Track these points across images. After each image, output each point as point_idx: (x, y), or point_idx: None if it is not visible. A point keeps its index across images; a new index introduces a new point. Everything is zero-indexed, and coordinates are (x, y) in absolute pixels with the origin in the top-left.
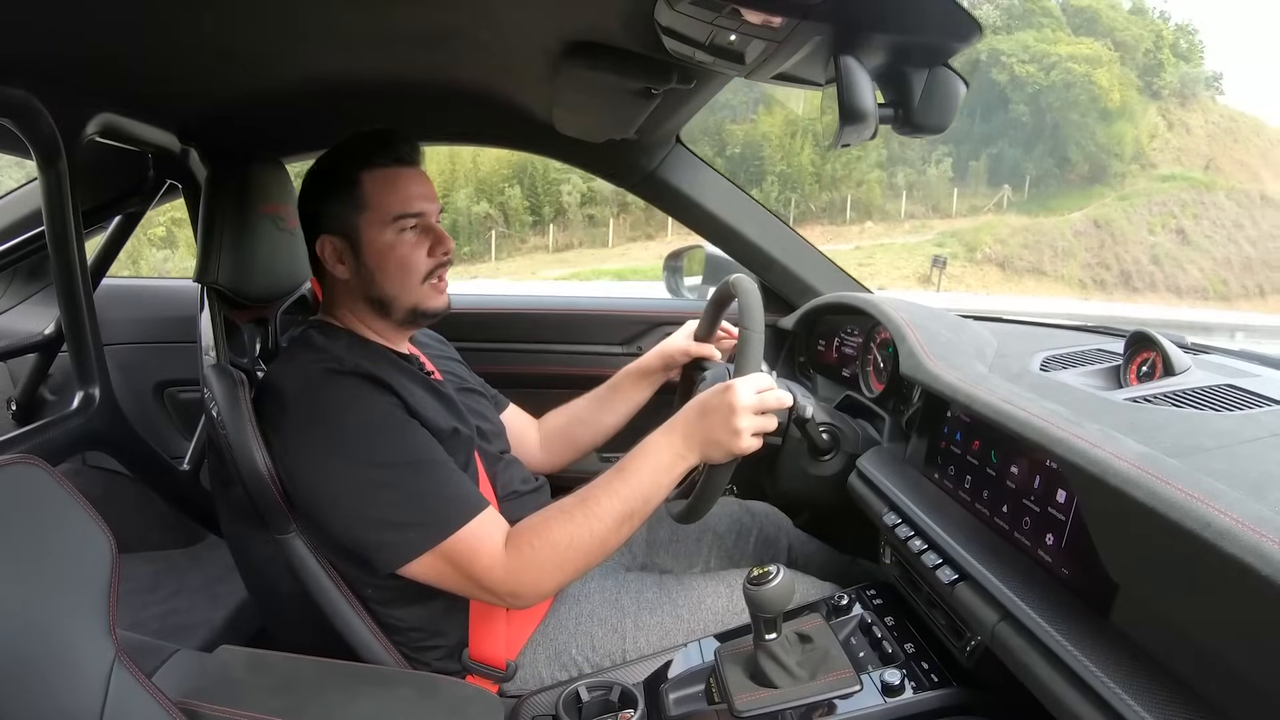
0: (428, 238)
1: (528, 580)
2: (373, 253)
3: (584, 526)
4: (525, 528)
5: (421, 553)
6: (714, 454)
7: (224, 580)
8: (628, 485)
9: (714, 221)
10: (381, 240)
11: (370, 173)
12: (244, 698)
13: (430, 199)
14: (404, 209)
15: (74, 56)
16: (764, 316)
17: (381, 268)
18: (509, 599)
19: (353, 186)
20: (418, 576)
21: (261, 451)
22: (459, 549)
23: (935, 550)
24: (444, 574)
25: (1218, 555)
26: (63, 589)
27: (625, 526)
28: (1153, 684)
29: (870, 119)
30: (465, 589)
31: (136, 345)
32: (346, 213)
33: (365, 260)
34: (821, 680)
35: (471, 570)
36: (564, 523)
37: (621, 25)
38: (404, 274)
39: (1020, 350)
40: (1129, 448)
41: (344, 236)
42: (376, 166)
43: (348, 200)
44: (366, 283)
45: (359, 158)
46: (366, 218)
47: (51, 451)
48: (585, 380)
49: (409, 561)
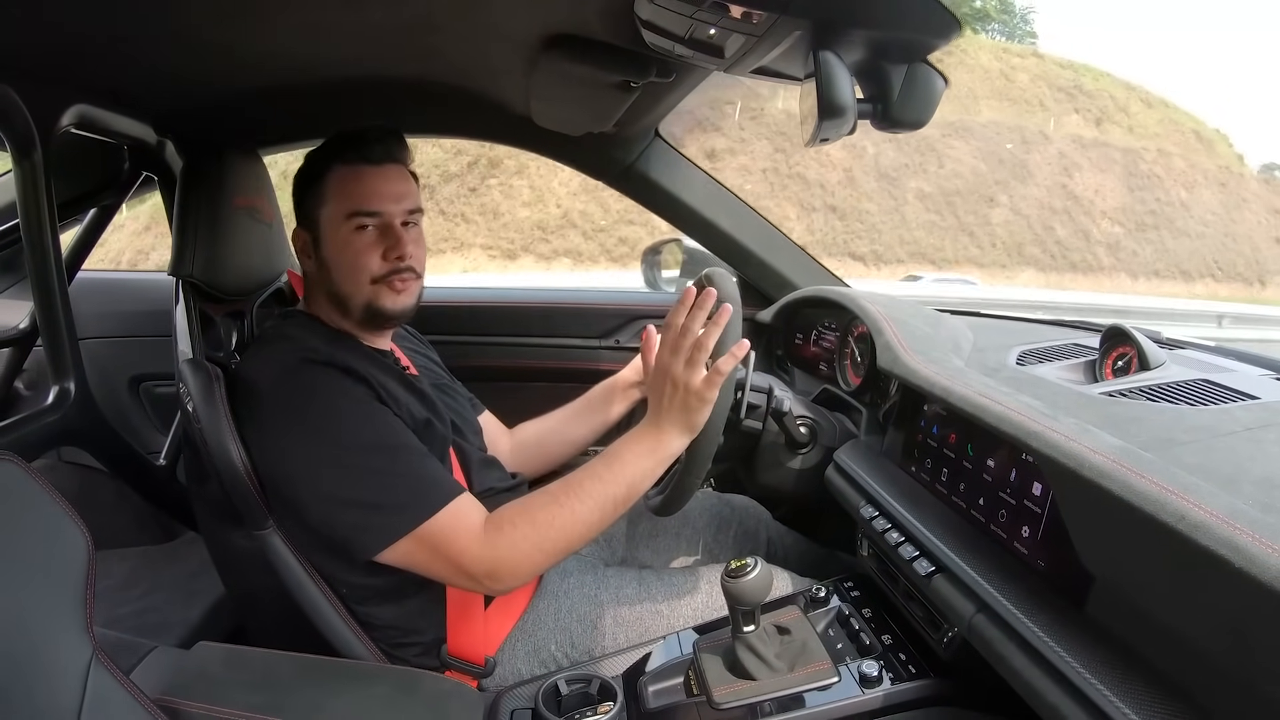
0: (385, 239)
1: (506, 560)
2: (329, 248)
3: (566, 508)
4: (506, 508)
5: (399, 536)
6: (688, 418)
7: (201, 576)
8: (610, 470)
9: (692, 215)
10: (337, 236)
11: (337, 168)
12: (223, 694)
13: (395, 199)
14: (359, 206)
15: (48, 48)
16: (741, 309)
17: (335, 264)
18: (486, 581)
19: (319, 180)
20: (395, 562)
21: (237, 446)
22: (436, 531)
23: (912, 543)
24: (421, 558)
25: (1191, 548)
26: (38, 586)
27: (608, 511)
28: (1128, 674)
29: (849, 114)
30: (443, 573)
31: (112, 339)
32: (312, 206)
33: (323, 255)
34: (799, 672)
35: (449, 552)
36: (546, 503)
37: (601, 18)
38: (355, 272)
39: (997, 344)
40: (1104, 441)
41: (308, 229)
42: (344, 163)
43: (313, 194)
44: (325, 278)
45: (332, 153)
46: (326, 212)
47: (26, 447)
48: (562, 373)
49: (387, 546)
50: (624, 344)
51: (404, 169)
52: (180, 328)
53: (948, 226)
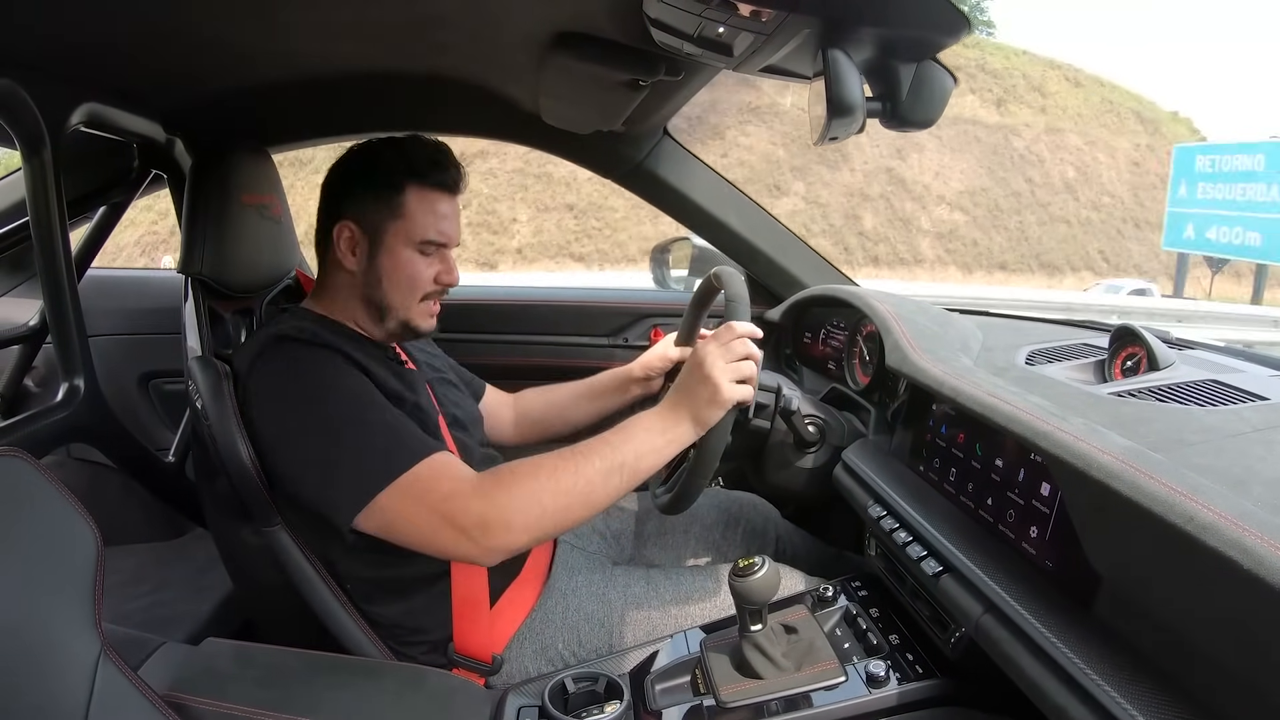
0: (440, 264)
1: (499, 510)
2: (390, 260)
3: (570, 463)
4: (508, 462)
5: (380, 488)
6: (704, 413)
7: (209, 573)
8: (619, 437)
9: (701, 214)
10: (402, 253)
11: (416, 187)
12: (231, 690)
13: (457, 230)
14: (436, 236)
15: (59, 46)
16: (750, 308)
17: (391, 276)
18: (478, 535)
19: (395, 192)
20: (380, 526)
21: (245, 443)
22: (419, 479)
23: (920, 542)
24: (406, 509)
25: (1200, 549)
26: (47, 582)
27: (614, 479)
28: (1136, 676)
29: (858, 112)
30: (429, 525)
31: (121, 337)
32: (380, 213)
33: (379, 262)
34: (806, 671)
35: (434, 498)
36: (552, 459)
37: (609, 16)
38: (410, 289)
39: (1006, 344)
40: (1113, 442)
41: (367, 232)
42: (425, 185)
43: (385, 202)
44: (371, 283)
45: (411, 168)
46: (398, 227)
47: (36, 444)
48: (570, 372)
49: (368, 501)
50: (632, 342)
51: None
52: (189, 325)
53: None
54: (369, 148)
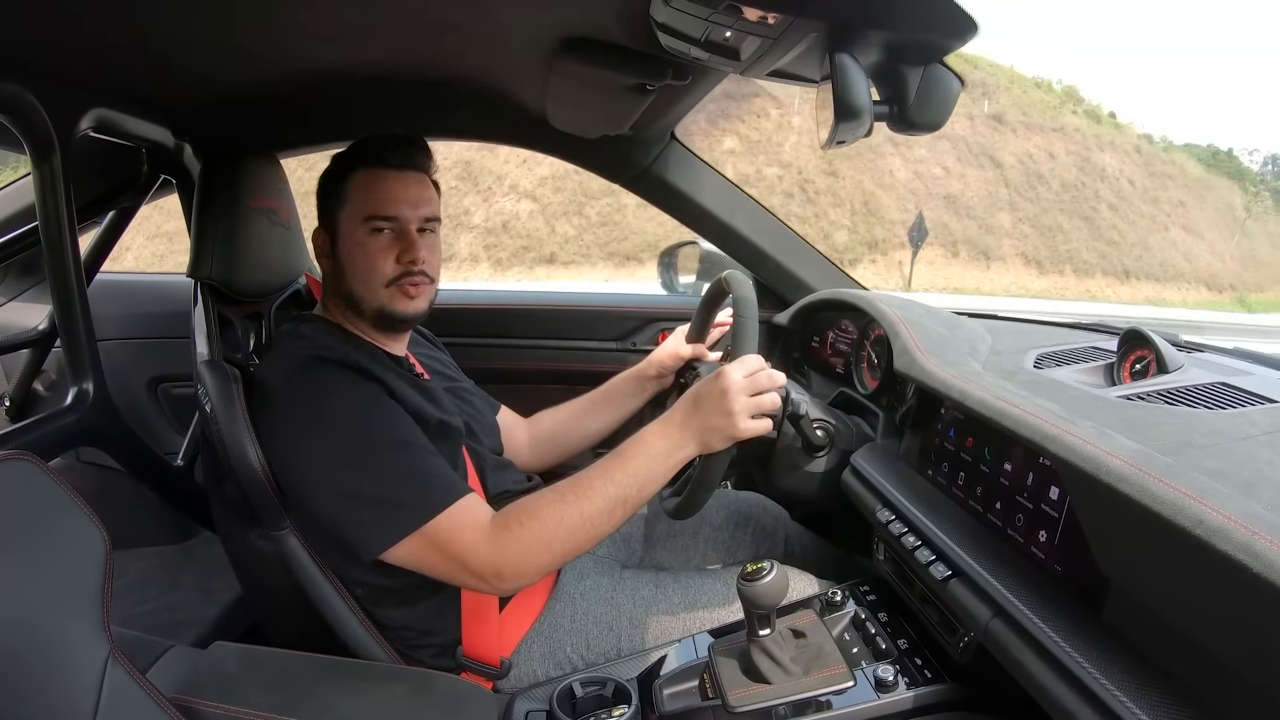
0: (399, 244)
1: (512, 560)
2: (344, 248)
3: (575, 507)
4: (514, 506)
5: (405, 534)
6: (712, 440)
7: (218, 576)
8: (623, 470)
9: (709, 218)
10: (353, 238)
11: (358, 172)
12: (238, 694)
13: (411, 205)
14: (376, 210)
15: (68, 52)
16: (758, 311)
17: (350, 265)
18: (493, 580)
19: (340, 182)
20: (401, 561)
21: (255, 447)
22: (441, 530)
23: (929, 547)
24: (427, 557)
25: (1210, 553)
26: (56, 585)
27: (618, 511)
28: (1145, 680)
29: (865, 116)
30: (449, 573)
31: (130, 341)
32: (332, 207)
33: (339, 255)
34: (815, 676)
35: (454, 550)
36: (554, 501)
37: (617, 21)
38: (369, 274)
39: (1014, 347)
40: (1122, 445)
41: (327, 230)
42: (366, 167)
43: (334, 195)
44: (339, 278)
45: (355, 157)
46: (344, 214)
47: (45, 447)
48: (579, 376)
49: (393, 544)
50: (640, 346)
51: (424, 176)
52: (198, 329)
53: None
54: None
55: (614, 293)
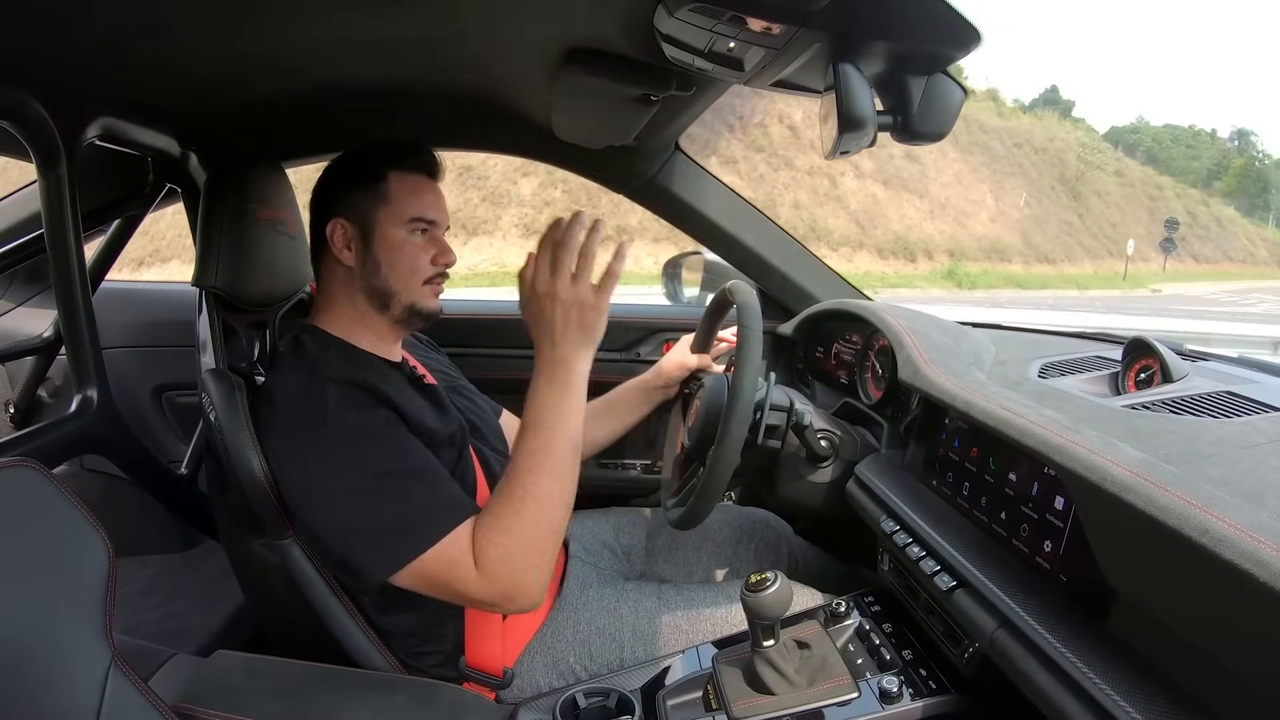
0: (434, 246)
1: (508, 580)
2: (384, 246)
3: (529, 498)
4: (480, 533)
5: (402, 565)
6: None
7: (221, 585)
8: (538, 436)
9: (713, 228)
10: (395, 236)
11: (398, 173)
12: (241, 703)
13: (443, 212)
14: (422, 213)
15: (74, 60)
16: (762, 322)
17: (390, 262)
18: (506, 605)
19: (378, 181)
20: (410, 586)
21: (258, 456)
22: (438, 563)
23: (933, 557)
24: (431, 587)
25: (1216, 562)
26: (59, 593)
27: (563, 470)
28: (1151, 690)
29: (869, 126)
30: (454, 597)
31: (135, 349)
32: (367, 203)
33: (375, 251)
34: (819, 687)
35: (452, 585)
36: (505, 509)
37: (621, 32)
38: (410, 272)
39: (1018, 357)
40: (1127, 454)
41: (358, 224)
42: (405, 170)
43: (371, 192)
44: (371, 273)
45: (390, 157)
46: (386, 212)
47: (49, 455)
48: None
49: (393, 573)
50: (645, 357)
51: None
52: (203, 338)
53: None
54: (351, 151)
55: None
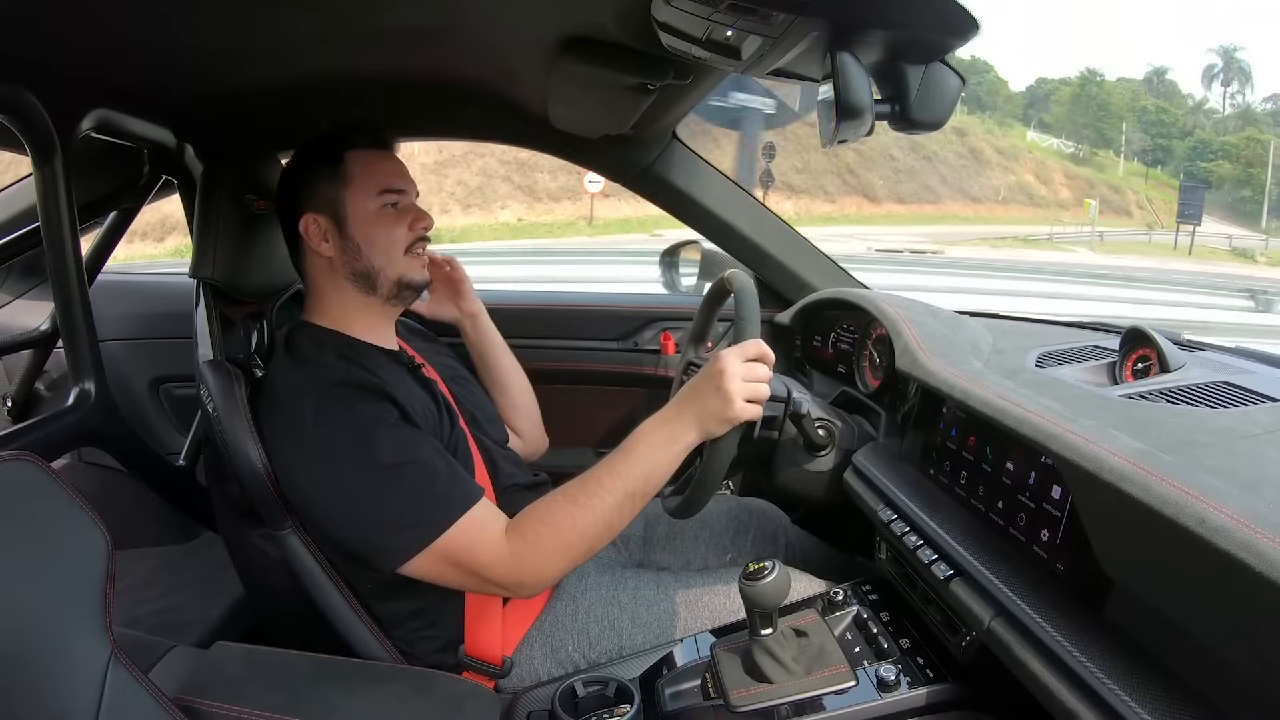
0: (408, 213)
1: (530, 567)
2: (358, 224)
3: (586, 508)
4: (527, 514)
5: (417, 552)
6: (710, 424)
7: (220, 576)
8: (627, 464)
9: (710, 217)
10: (367, 212)
11: (354, 153)
12: (241, 694)
13: (409, 180)
14: (387, 184)
15: (69, 52)
16: (760, 311)
17: (367, 239)
18: (515, 589)
19: (337, 165)
20: (421, 575)
21: (257, 447)
22: (456, 545)
23: (930, 546)
24: (446, 570)
25: (1212, 551)
26: (58, 586)
27: (627, 507)
28: (1147, 679)
29: (866, 115)
30: (469, 584)
31: (132, 341)
32: (332, 190)
33: (350, 233)
34: (817, 675)
35: (471, 564)
36: (566, 505)
37: (618, 21)
38: (389, 244)
39: (1016, 346)
40: (1124, 444)
41: (328, 213)
42: (360, 148)
43: (332, 178)
44: (352, 257)
45: (343, 140)
46: (351, 192)
47: (47, 448)
48: (579, 376)
49: (406, 562)
50: (642, 346)
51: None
52: (201, 329)
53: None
54: (299, 150)
55: (616, 293)
